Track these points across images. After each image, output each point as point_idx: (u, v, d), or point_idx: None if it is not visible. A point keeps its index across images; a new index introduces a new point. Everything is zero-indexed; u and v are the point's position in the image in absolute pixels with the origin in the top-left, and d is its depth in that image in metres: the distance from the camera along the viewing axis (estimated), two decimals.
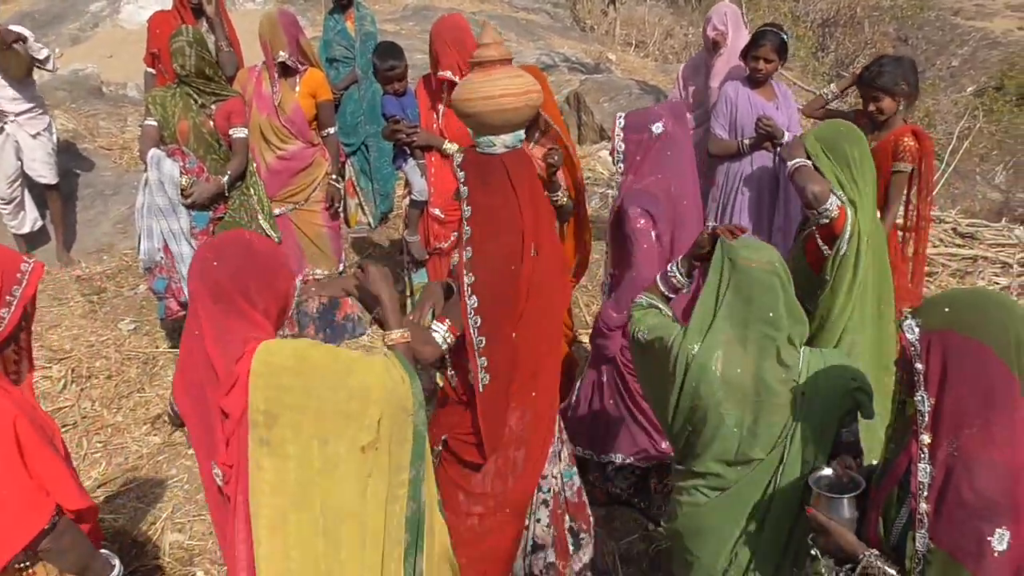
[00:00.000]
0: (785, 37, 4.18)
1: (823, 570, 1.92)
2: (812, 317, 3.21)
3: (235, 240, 1.99)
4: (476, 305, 2.34)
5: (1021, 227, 5.91)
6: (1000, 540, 1.55)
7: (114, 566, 2.08)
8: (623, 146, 3.26)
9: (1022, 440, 1.57)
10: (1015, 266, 5.44)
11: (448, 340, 2.38)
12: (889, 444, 1.91)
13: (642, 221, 3.16)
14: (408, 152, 4.14)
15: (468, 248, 2.34)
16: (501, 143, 2.38)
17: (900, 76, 3.59)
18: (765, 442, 2.13)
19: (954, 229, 6.03)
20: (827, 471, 1.99)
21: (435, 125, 4.07)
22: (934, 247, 5.68)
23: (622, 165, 3.28)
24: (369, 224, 6.15)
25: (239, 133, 4.32)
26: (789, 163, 3.23)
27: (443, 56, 3.90)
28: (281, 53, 4.40)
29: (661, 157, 3.22)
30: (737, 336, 2.15)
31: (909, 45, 15.37)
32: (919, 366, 1.64)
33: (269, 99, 4.49)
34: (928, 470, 1.65)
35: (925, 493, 1.65)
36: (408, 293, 4.58)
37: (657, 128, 3.20)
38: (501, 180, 2.36)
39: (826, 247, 3.19)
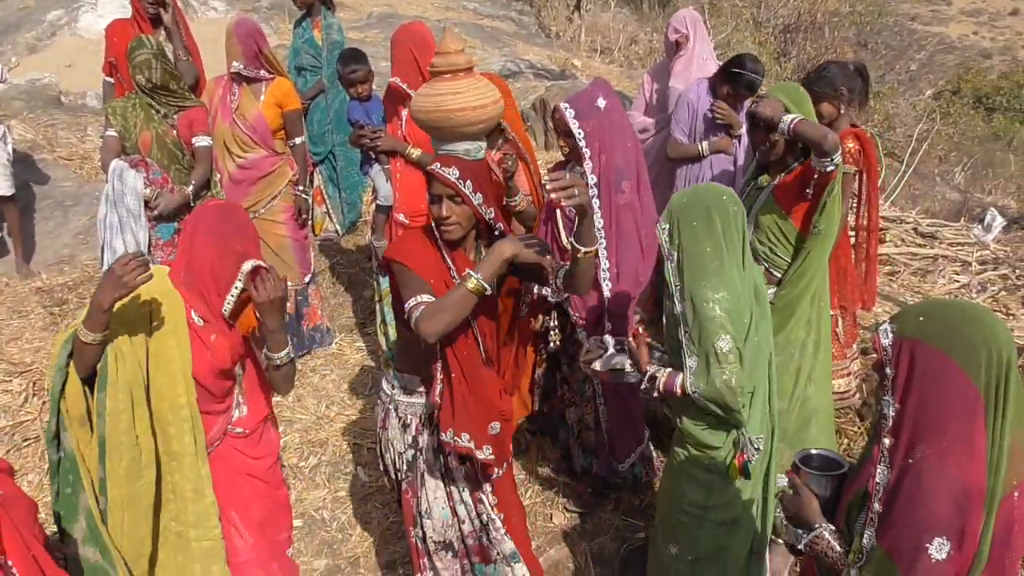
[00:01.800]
0: (760, 79, 4.14)
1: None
2: (794, 267, 3.28)
3: None
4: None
5: (979, 226, 6.02)
6: (939, 549, 1.57)
7: None
8: (582, 133, 3.18)
9: (979, 456, 1.57)
10: (974, 264, 5.54)
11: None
12: (872, 443, 1.94)
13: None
14: (373, 157, 4.13)
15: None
16: (484, 149, 2.67)
17: (840, 81, 3.58)
18: (767, 326, 2.65)
19: (915, 229, 6.13)
20: (813, 450, 2.07)
21: (399, 131, 4.06)
22: (896, 247, 5.78)
23: (587, 151, 3.19)
24: (336, 232, 6.12)
25: (202, 141, 4.26)
26: (786, 118, 3.06)
27: (399, 64, 3.90)
28: (235, 64, 4.40)
29: (618, 129, 3.24)
30: (741, 266, 2.55)
31: (869, 50, 15.65)
32: (889, 371, 1.67)
33: (230, 108, 4.46)
34: (885, 472, 1.69)
35: (880, 494, 1.69)
36: (377, 299, 4.55)
37: (601, 103, 3.20)
38: (490, 178, 2.56)
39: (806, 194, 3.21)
